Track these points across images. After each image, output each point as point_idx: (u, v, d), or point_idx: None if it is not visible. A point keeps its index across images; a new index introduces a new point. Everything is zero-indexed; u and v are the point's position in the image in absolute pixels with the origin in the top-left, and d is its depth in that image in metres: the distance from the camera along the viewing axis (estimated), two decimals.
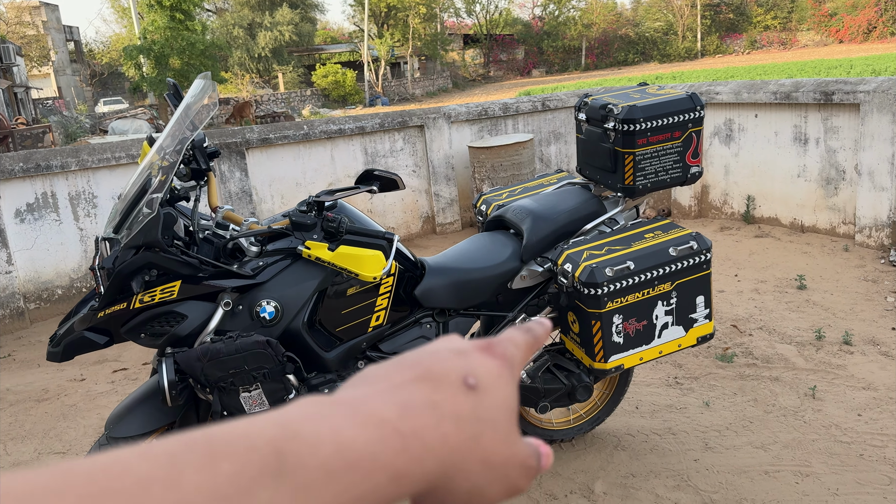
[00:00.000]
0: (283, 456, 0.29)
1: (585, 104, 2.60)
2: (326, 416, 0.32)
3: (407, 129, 6.23)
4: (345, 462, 0.30)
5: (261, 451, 0.29)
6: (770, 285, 4.55)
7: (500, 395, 0.38)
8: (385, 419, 0.33)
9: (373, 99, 35.49)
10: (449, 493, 0.35)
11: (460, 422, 0.35)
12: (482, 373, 0.38)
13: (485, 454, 0.36)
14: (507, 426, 0.38)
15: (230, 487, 0.27)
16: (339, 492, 0.30)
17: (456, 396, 0.36)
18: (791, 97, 5.33)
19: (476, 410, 0.36)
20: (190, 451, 0.28)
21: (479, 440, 0.36)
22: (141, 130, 19.82)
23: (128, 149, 5.16)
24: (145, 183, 2.18)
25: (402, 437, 0.33)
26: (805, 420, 2.98)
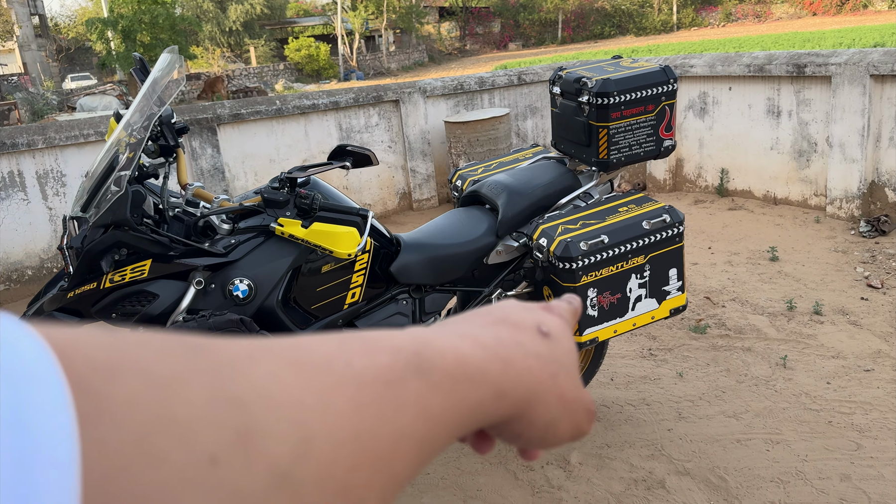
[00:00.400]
0: (421, 357, 0.33)
1: (560, 77, 2.59)
2: (443, 336, 0.36)
3: (382, 103, 6.16)
4: (463, 372, 0.35)
5: (405, 350, 0.33)
6: (743, 257, 4.61)
7: (567, 345, 0.43)
8: (487, 345, 0.37)
9: (347, 73, 35.07)
10: (530, 424, 0.39)
11: (541, 359, 0.40)
12: (550, 324, 0.43)
13: (560, 391, 0.40)
14: (575, 371, 0.42)
15: (389, 374, 0.31)
16: (459, 397, 0.34)
17: (535, 338, 0.40)
18: (764, 70, 5.35)
19: (552, 352, 0.41)
20: (352, 342, 0.32)
21: (556, 378, 0.40)
22: (110, 107, 19.41)
23: (96, 126, 5.06)
24: (112, 160, 2.13)
25: (502, 362, 0.37)
26: (776, 389, 3.04)
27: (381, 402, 0.30)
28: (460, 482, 2.62)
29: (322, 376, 0.29)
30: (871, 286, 3.98)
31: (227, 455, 0.24)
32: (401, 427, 0.31)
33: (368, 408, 0.30)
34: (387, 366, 0.32)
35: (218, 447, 0.24)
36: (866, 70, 4.71)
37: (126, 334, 0.26)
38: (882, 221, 4.74)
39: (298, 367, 0.29)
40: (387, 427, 0.30)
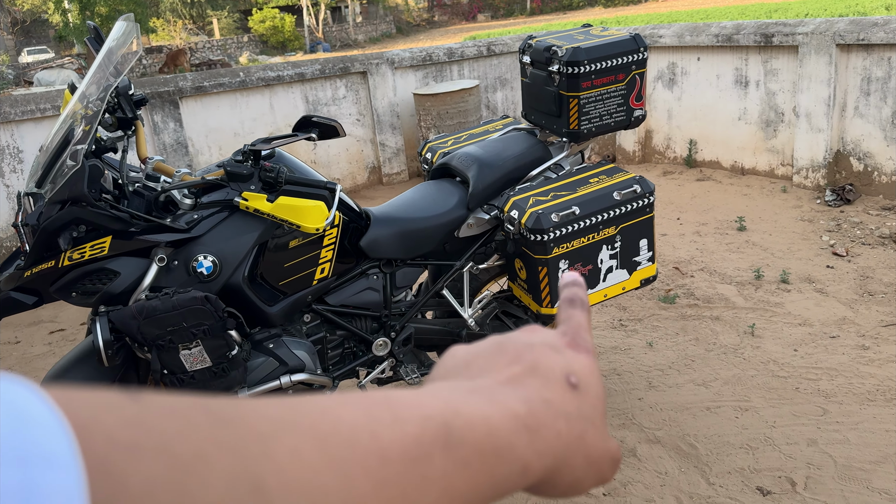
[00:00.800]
0: (450, 429, 0.31)
1: (530, 46, 2.55)
2: (472, 402, 0.34)
3: (349, 75, 6.05)
4: (492, 447, 0.33)
5: (434, 421, 0.31)
6: (711, 227, 4.65)
7: (595, 392, 0.40)
8: (517, 414, 0.35)
9: (313, 45, 34.46)
10: (553, 486, 0.38)
11: (570, 420, 0.37)
12: (579, 370, 0.40)
13: (587, 450, 0.38)
14: (602, 423, 0.40)
15: (416, 449, 0.30)
16: (485, 474, 0.32)
17: (564, 395, 0.38)
18: (732, 40, 5.36)
19: (580, 409, 0.38)
20: (379, 409, 0.30)
21: (584, 438, 0.38)
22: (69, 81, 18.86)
23: (53, 100, 4.89)
24: (68, 134, 2.05)
25: (530, 432, 0.35)
26: (744, 357, 3.08)
27: (405, 481, 0.29)
28: None
29: (347, 452, 0.28)
30: (837, 254, 4.04)
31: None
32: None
33: (392, 487, 0.28)
34: (414, 439, 0.30)
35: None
36: (832, 39, 4.73)
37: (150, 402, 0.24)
38: (847, 190, 4.81)
39: (323, 443, 0.27)
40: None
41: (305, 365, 2.23)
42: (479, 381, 0.38)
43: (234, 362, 2.03)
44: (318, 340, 2.35)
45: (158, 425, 0.23)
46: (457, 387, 0.36)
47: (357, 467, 0.27)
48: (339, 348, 2.43)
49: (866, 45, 4.64)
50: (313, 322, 2.35)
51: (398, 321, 2.46)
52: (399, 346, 2.47)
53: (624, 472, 2.44)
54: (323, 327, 2.37)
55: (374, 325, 2.46)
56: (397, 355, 2.48)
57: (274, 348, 2.20)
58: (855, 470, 2.35)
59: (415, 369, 2.53)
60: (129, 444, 0.22)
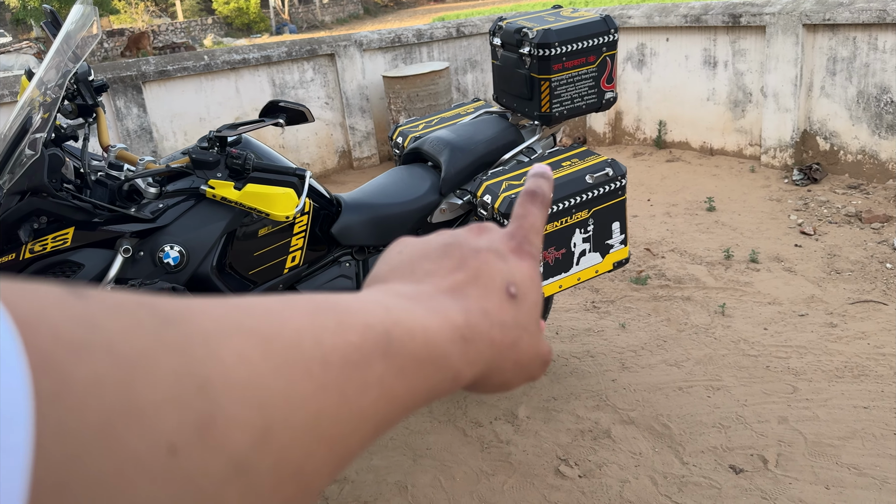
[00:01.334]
0: (390, 337, 0.32)
1: (500, 28, 2.52)
2: (413, 311, 0.35)
3: (316, 57, 5.96)
4: (429, 356, 0.34)
5: (375, 329, 0.32)
6: (681, 208, 4.68)
7: (533, 300, 0.41)
8: (456, 324, 0.36)
9: (280, 26, 33.91)
10: (481, 386, 0.39)
11: (504, 328, 0.38)
12: (520, 280, 0.41)
13: (518, 356, 0.40)
14: (536, 329, 0.41)
15: (356, 354, 0.30)
16: (421, 380, 0.33)
17: (501, 304, 0.39)
18: (701, 20, 5.37)
19: (516, 318, 0.39)
20: (324, 315, 0.31)
21: (517, 344, 0.39)
22: (28, 66, 18.30)
23: (11, 86, 4.74)
24: (25, 122, 1.98)
25: (466, 343, 0.36)
26: (715, 336, 3.11)
27: (345, 384, 0.30)
28: (409, 441, 2.61)
29: (290, 355, 0.28)
30: (804, 233, 4.09)
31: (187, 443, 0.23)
32: (361, 409, 0.30)
33: (331, 390, 0.29)
34: (356, 345, 0.31)
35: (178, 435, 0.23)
36: (799, 19, 4.77)
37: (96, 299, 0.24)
38: (814, 169, 4.87)
39: (267, 346, 0.28)
40: (347, 409, 0.30)
41: None
42: (423, 286, 0.38)
43: None
44: None
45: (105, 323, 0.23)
46: (400, 292, 0.37)
47: (299, 371, 0.28)
48: None
49: (832, 25, 4.69)
50: None
51: None
52: None
53: (599, 453, 2.46)
54: None
55: None
56: None
57: None
58: (824, 446, 2.39)
59: None
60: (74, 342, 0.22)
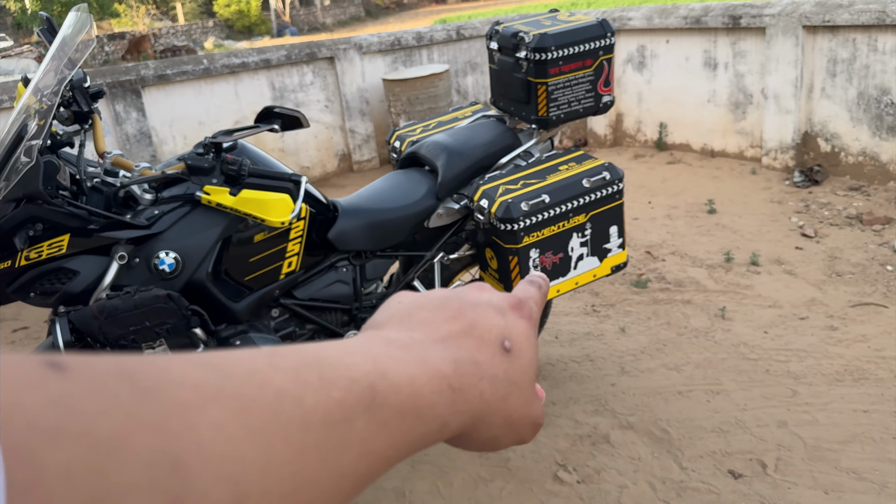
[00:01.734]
0: (374, 392, 0.32)
1: (497, 32, 2.51)
2: (401, 362, 0.35)
3: (316, 61, 5.96)
4: (414, 408, 0.34)
5: (360, 384, 0.32)
6: (682, 211, 4.67)
7: (528, 358, 0.41)
8: (444, 374, 0.36)
9: (281, 29, 33.94)
10: (470, 440, 0.39)
11: (495, 382, 0.39)
12: (516, 335, 0.41)
13: (508, 412, 0.40)
14: (529, 388, 0.42)
15: (338, 413, 0.30)
16: (404, 433, 0.33)
17: (494, 358, 0.39)
18: (701, 22, 5.36)
19: (508, 372, 0.40)
20: (308, 371, 0.30)
21: (507, 400, 0.40)
22: (29, 70, 18.34)
23: (10, 91, 4.74)
24: (21, 129, 1.97)
25: (453, 392, 0.36)
26: (715, 340, 3.10)
27: (324, 445, 0.30)
28: None
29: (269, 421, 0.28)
30: (805, 235, 4.08)
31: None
32: (340, 469, 0.30)
33: (310, 453, 0.29)
34: (338, 403, 0.31)
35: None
36: (799, 21, 4.76)
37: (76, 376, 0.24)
38: (815, 171, 4.86)
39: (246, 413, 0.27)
40: (325, 471, 0.29)
41: None
42: (416, 333, 0.39)
43: None
44: (288, 335, 2.31)
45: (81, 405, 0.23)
46: (392, 339, 0.37)
47: (278, 437, 0.28)
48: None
49: (832, 27, 4.68)
50: (282, 317, 2.31)
51: (369, 314, 2.43)
52: None
53: (597, 458, 2.45)
54: (292, 322, 2.33)
55: (345, 318, 2.43)
56: None
57: (241, 345, 2.16)
58: (824, 450, 2.38)
59: None
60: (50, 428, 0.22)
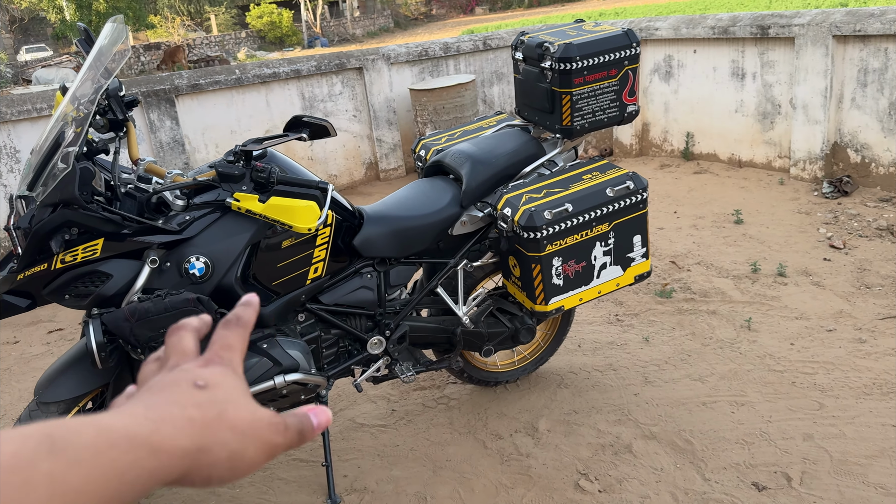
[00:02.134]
0: (52, 438, 0.36)
1: (522, 42, 2.54)
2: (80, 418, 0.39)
3: (345, 71, 6.04)
4: (107, 441, 0.37)
5: (33, 436, 0.36)
6: (708, 221, 4.64)
7: (229, 386, 0.46)
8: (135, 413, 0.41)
9: (311, 40, 34.37)
10: (211, 464, 0.42)
11: (201, 407, 0.43)
12: (207, 376, 0.46)
13: (231, 423, 0.43)
14: (244, 402, 0.46)
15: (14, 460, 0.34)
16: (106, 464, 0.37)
17: (192, 393, 0.44)
18: (729, 32, 5.34)
19: (213, 397, 0.44)
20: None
21: (223, 415, 0.43)
22: (67, 79, 18.81)
23: (49, 99, 4.88)
24: (59, 136, 2.04)
25: (153, 422, 0.40)
26: (741, 351, 3.08)
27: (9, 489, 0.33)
28: (430, 453, 2.62)
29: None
30: (834, 247, 4.03)
31: None
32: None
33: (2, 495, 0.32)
34: (12, 453, 0.34)
35: None
36: (829, 31, 4.72)
37: None
38: (844, 182, 4.80)
39: None
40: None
41: (300, 364, 2.23)
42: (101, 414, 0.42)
43: None
44: (313, 340, 2.35)
45: None
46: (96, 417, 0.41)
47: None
48: (333, 347, 2.43)
49: (863, 37, 4.63)
50: (307, 321, 2.35)
51: (393, 319, 2.46)
52: (394, 344, 2.47)
53: (619, 468, 2.44)
54: (317, 326, 2.37)
55: (369, 324, 2.46)
56: (392, 353, 2.48)
57: (268, 348, 2.20)
58: (851, 465, 2.35)
59: (410, 367, 2.53)
60: None
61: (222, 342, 0.50)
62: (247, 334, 0.52)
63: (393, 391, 3.03)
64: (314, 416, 0.50)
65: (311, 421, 0.49)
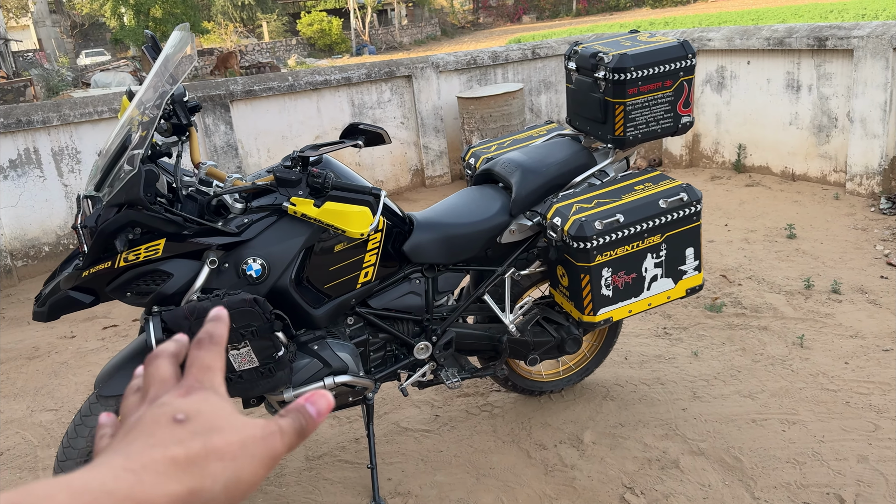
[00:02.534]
0: None
1: (575, 52, 2.54)
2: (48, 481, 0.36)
3: (394, 79, 6.11)
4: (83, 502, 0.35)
5: None
6: (760, 234, 4.56)
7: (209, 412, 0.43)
8: (112, 465, 0.38)
9: (360, 48, 34.81)
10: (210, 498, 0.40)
11: (184, 443, 0.41)
12: (187, 407, 0.43)
13: (219, 452, 0.41)
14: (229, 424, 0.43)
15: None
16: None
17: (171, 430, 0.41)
18: (784, 43, 5.24)
19: (194, 429, 0.42)
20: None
21: (209, 445, 0.41)
22: (124, 83, 19.40)
23: (110, 103, 5.05)
24: (125, 139, 2.12)
25: (134, 473, 0.38)
26: (793, 369, 3.01)
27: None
28: (473, 460, 2.63)
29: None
30: (891, 264, 3.92)
31: None
32: None
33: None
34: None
35: None
36: (889, 43, 4.60)
37: None
38: None
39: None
40: None
41: (348, 367, 2.27)
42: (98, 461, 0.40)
43: (280, 363, 2.08)
44: (361, 343, 2.38)
45: None
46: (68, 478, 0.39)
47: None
48: (381, 351, 2.46)
49: None
50: (356, 324, 2.39)
51: (439, 325, 2.48)
52: (440, 350, 2.49)
53: (666, 483, 2.42)
54: (366, 330, 2.40)
55: (416, 329, 2.49)
56: (438, 359, 2.50)
57: (318, 350, 2.24)
58: None
59: (455, 373, 2.55)
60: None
61: (199, 364, 0.48)
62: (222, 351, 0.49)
63: (437, 397, 3.05)
64: (311, 406, 0.47)
65: (308, 413, 0.46)
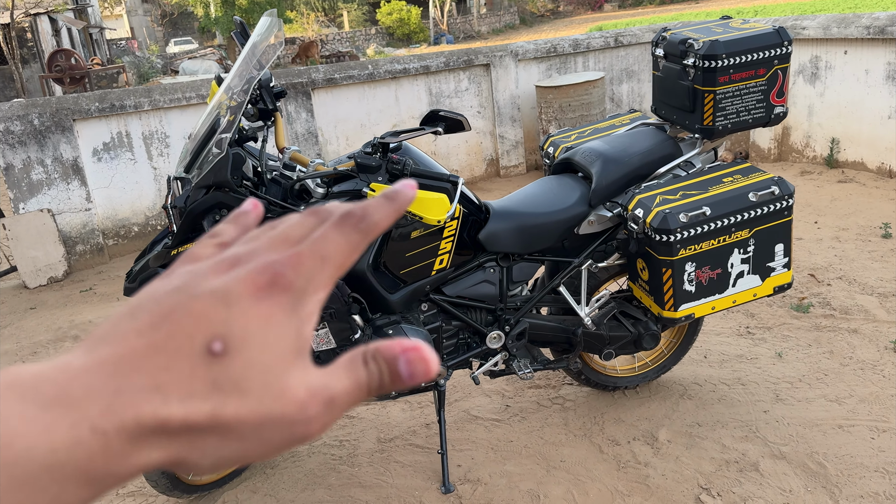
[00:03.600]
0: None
1: (663, 39, 2.47)
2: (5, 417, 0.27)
3: (472, 67, 6.09)
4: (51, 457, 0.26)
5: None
6: (852, 233, 4.33)
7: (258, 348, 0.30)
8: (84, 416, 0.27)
9: (438, 37, 34.88)
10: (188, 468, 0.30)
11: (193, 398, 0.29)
12: (238, 330, 0.30)
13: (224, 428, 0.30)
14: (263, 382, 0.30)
15: None
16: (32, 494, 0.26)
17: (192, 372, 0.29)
18: (886, 32, 4.95)
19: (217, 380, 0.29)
20: None
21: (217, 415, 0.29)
22: (210, 71, 20.07)
23: (197, 89, 5.23)
24: (214, 123, 2.19)
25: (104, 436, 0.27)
26: (884, 374, 2.86)
27: None
28: (544, 452, 2.61)
29: None
30: None
31: None
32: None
33: None
34: None
35: None
36: None
37: None
38: None
39: None
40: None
41: None
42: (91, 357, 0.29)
43: (356, 346, 2.11)
44: (434, 329, 2.39)
45: None
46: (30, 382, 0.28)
47: None
48: (453, 338, 2.46)
49: None
50: (430, 311, 2.40)
51: (513, 315, 2.47)
52: (512, 340, 2.47)
53: (744, 485, 2.33)
54: (439, 317, 2.41)
55: (489, 318, 2.48)
56: (510, 349, 2.48)
57: (393, 334, 2.26)
58: None
59: (527, 364, 2.53)
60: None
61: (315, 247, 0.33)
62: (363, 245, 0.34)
63: (508, 387, 3.03)
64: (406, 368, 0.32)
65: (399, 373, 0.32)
